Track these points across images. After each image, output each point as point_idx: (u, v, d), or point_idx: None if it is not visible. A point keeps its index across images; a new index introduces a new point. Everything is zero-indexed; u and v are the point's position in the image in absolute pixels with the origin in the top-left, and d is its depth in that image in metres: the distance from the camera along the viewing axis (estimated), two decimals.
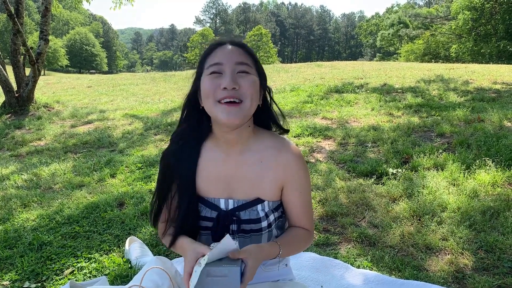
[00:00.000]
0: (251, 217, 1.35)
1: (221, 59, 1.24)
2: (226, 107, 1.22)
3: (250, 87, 1.24)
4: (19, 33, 7.78)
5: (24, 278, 2.27)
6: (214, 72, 1.24)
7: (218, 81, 1.23)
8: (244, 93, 1.23)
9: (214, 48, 1.28)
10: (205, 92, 1.25)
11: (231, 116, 1.22)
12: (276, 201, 1.40)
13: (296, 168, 1.37)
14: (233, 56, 1.25)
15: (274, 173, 1.36)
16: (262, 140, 1.39)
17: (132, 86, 12.59)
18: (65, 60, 55.72)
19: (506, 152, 3.88)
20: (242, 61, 1.25)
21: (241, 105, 1.23)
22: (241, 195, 1.37)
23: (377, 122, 5.60)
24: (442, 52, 37.69)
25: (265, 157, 1.37)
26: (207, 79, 1.25)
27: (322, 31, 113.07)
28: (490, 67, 12.27)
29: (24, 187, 3.90)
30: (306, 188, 1.41)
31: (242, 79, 1.23)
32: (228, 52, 1.26)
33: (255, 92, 1.26)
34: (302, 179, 1.39)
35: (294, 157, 1.38)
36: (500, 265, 2.29)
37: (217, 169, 1.38)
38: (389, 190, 3.33)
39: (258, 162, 1.36)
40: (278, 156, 1.37)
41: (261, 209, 1.36)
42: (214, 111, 1.25)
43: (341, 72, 12.03)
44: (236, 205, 1.36)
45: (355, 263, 2.37)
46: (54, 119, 7.44)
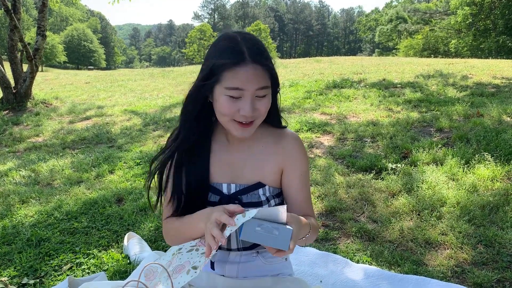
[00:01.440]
0: (252, 201, 1.36)
1: (242, 85, 1.19)
2: (240, 127, 1.26)
3: (264, 106, 1.26)
4: (16, 29, 7.74)
5: (22, 274, 2.26)
6: (233, 96, 1.21)
7: (237, 105, 1.22)
8: (260, 114, 1.27)
9: (235, 65, 1.18)
10: (222, 111, 1.24)
11: (245, 133, 1.28)
12: (276, 188, 1.42)
13: (295, 151, 1.42)
14: (254, 82, 1.20)
15: (275, 157, 1.40)
16: (264, 128, 1.42)
17: (130, 82, 12.56)
18: (63, 56, 55.50)
19: (505, 146, 3.87)
20: (262, 85, 1.22)
21: (254, 123, 1.28)
22: (243, 180, 1.39)
23: (376, 117, 5.59)
24: (441, 47, 37.66)
25: (266, 143, 1.42)
26: (225, 99, 1.22)
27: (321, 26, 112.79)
28: (490, 62, 12.26)
29: (22, 183, 3.89)
30: (307, 172, 1.45)
31: (260, 103, 1.24)
32: (250, 76, 1.19)
33: (268, 108, 1.29)
34: (301, 161, 1.43)
35: (294, 141, 1.43)
36: (499, 260, 2.28)
37: (221, 156, 1.41)
38: (388, 185, 3.33)
39: (260, 148, 1.41)
40: (279, 141, 1.42)
41: (262, 193, 1.38)
42: (227, 126, 1.29)
43: (340, 67, 12.01)
44: (238, 189, 1.38)
45: (355, 258, 2.37)
46: (52, 115, 7.41)
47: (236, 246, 1.42)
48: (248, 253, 1.45)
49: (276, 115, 1.44)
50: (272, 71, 1.26)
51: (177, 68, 17.36)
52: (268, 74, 1.24)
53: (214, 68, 1.21)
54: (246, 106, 1.21)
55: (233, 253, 1.44)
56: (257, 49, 1.22)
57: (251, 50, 1.20)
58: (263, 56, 1.23)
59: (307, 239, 1.30)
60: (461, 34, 32.65)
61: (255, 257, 1.46)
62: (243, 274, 1.44)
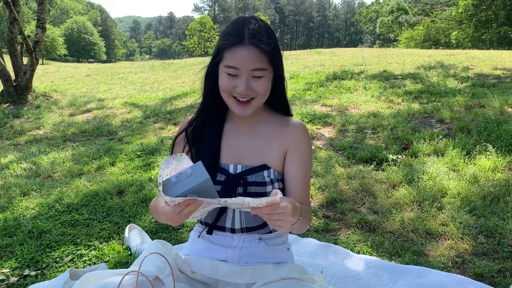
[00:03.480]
0: (257, 180, 1.41)
1: (238, 64, 1.29)
2: (239, 104, 1.35)
3: (262, 87, 1.33)
4: (15, 21, 7.71)
5: (24, 266, 2.27)
6: (230, 74, 1.31)
7: (234, 82, 1.31)
8: (256, 94, 1.34)
9: (234, 45, 1.29)
10: (222, 87, 1.35)
11: (243, 111, 1.36)
12: (281, 172, 1.46)
13: (300, 137, 1.47)
14: (249, 63, 1.28)
15: (280, 141, 1.46)
16: (272, 114, 1.51)
17: (130, 74, 12.53)
18: (63, 49, 55.39)
19: (506, 137, 3.86)
20: (257, 67, 1.29)
21: (252, 102, 1.35)
22: (249, 161, 1.45)
23: (377, 108, 5.57)
24: (442, 39, 37.44)
25: (273, 128, 1.48)
26: (224, 76, 1.33)
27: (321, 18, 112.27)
28: (491, 53, 12.20)
29: (23, 176, 3.90)
30: (308, 160, 1.47)
31: (256, 83, 1.32)
32: (246, 57, 1.28)
33: (267, 90, 1.36)
34: (305, 149, 1.47)
35: (300, 129, 1.49)
36: (500, 250, 2.29)
37: (231, 138, 1.48)
38: (389, 176, 3.32)
39: (267, 132, 1.47)
40: (285, 127, 1.48)
41: (267, 175, 1.42)
42: (228, 102, 1.38)
43: (341, 59, 11.95)
44: (243, 169, 1.43)
45: (355, 248, 2.37)
46: (53, 108, 7.41)
47: (239, 226, 1.43)
48: (251, 238, 1.46)
49: (282, 102, 1.50)
50: (271, 55, 1.32)
51: (178, 61, 17.30)
52: (266, 57, 1.31)
53: (219, 47, 1.34)
54: (241, 84, 1.30)
55: (236, 237, 1.46)
56: (258, 33, 1.30)
57: (251, 33, 1.30)
58: (263, 39, 1.30)
59: (298, 225, 1.28)
60: (462, 25, 32.45)
61: (258, 243, 1.47)
62: (245, 260, 1.45)
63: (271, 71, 1.35)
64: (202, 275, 1.44)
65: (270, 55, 1.32)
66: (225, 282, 1.43)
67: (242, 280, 1.42)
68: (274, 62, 1.35)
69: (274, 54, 1.34)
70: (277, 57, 1.37)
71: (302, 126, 1.50)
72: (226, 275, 1.42)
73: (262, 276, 1.41)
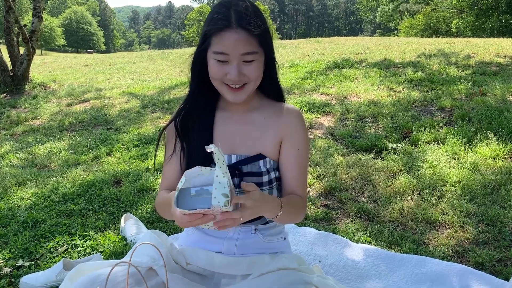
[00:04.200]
0: (252, 170, 1.36)
1: (227, 50, 1.22)
2: (231, 90, 1.29)
3: (254, 72, 1.27)
4: (11, 10, 7.61)
5: (17, 256, 2.24)
6: (219, 61, 1.25)
7: (224, 69, 1.25)
8: (248, 79, 1.28)
9: (221, 30, 1.22)
10: (212, 74, 1.29)
11: (236, 97, 1.30)
12: (276, 161, 1.42)
13: (296, 125, 1.42)
14: (238, 47, 1.22)
15: (275, 129, 1.41)
16: (265, 100, 1.46)
17: (129, 64, 12.43)
18: (62, 40, 55.10)
19: (508, 125, 3.81)
20: (247, 51, 1.23)
21: (244, 88, 1.29)
22: (244, 151, 1.40)
23: (377, 97, 5.51)
24: (442, 27, 37.16)
25: (268, 115, 1.42)
26: (213, 63, 1.26)
27: (321, 7, 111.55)
28: (492, 41, 12.09)
29: (19, 166, 3.86)
30: (304, 149, 1.43)
31: (247, 68, 1.26)
32: (234, 41, 1.21)
33: (259, 74, 1.30)
34: (301, 137, 1.42)
35: (295, 115, 1.43)
36: (501, 239, 2.25)
37: (223, 126, 1.42)
38: (389, 164, 3.28)
39: (261, 119, 1.42)
40: (280, 114, 1.42)
41: (262, 164, 1.38)
42: (220, 90, 1.32)
43: (341, 47, 11.85)
44: (238, 159, 1.38)
45: (354, 237, 2.34)
46: (50, 97, 7.34)
47: None
48: (247, 229, 1.42)
49: (274, 87, 1.45)
50: (261, 38, 1.25)
51: (176, 50, 17.18)
52: (256, 40, 1.24)
53: (206, 33, 1.27)
54: (232, 71, 1.24)
55: (231, 228, 1.40)
56: (245, 15, 1.22)
57: (239, 15, 1.22)
58: (251, 21, 1.22)
59: (281, 218, 1.26)
60: (463, 13, 32.19)
61: (254, 234, 1.43)
62: (241, 251, 1.42)
63: (262, 53, 1.29)
64: (197, 267, 1.40)
65: (260, 37, 1.25)
66: (220, 274, 1.40)
67: (238, 272, 1.38)
68: (265, 44, 1.28)
69: (264, 36, 1.27)
70: (268, 38, 1.29)
71: (298, 114, 1.44)
72: (221, 266, 1.39)
73: (259, 267, 1.37)
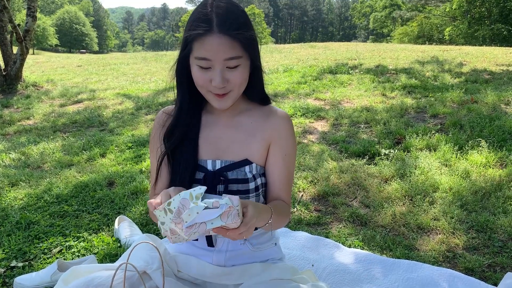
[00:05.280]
0: (238, 177, 1.32)
1: (209, 55, 1.17)
2: (216, 97, 1.25)
3: (239, 77, 1.22)
4: (5, 9, 7.58)
5: (11, 257, 2.23)
6: (202, 67, 1.20)
7: (208, 75, 1.21)
8: (233, 85, 1.23)
9: (202, 35, 1.17)
10: (197, 81, 1.25)
11: (222, 104, 1.26)
12: (263, 167, 1.40)
13: (283, 129, 1.38)
14: (221, 53, 1.16)
15: (262, 133, 1.37)
16: (252, 104, 1.41)
17: (122, 65, 12.41)
18: (54, 39, 54.75)
19: (499, 133, 3.87)
20: (231, 56, 1.18)
21: (230, 94, 1.25)
22: (229, 156, 1.36)
23: (370, 103, 5.57)
24: (435, 35, 37.54)
25: (255, 120, 1.39)
26: (196, 69, 1.22)
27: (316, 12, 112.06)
28: (484, 49, 12.23)
29: (12, 166, 3.84)
30: (292, 153, 1.40)
31: (231, 74, 1.21)
32: (217, 46, 1.16)
33: (244, 79, 1.25)
34: (288, 141, 1.39)
35: (283, 118, 1.39)
36: (490, 245, 2.29)
37: (209, 131, 1.38)
38: (381, 170, 3.32)
39: (248, 124, 1.38)
40: (268, 117, 1.39)
41: (248, 170, 1.34)
42: (206, 96, 1.28)
43: (335, 53, 11.93)
44: (223, 165, 1.34)
45: (346, 242, 2.36)
46: (43, 98, 7.31)
47: None
48: (236, 241, 1.40)
49: (259, 91, 1.39)
50: (245, 42, 1.19)
51: (170, 52, 17.18)
52: (239, 44, 1.18)
53: (187, 38, 1.21)
54: (216, 77, 1.19)
55: (219, 240, 1.39)
56: (227, 18, 1.17)
57: (220, 19, 1.17)
58: (234, 25, 1.17)
59: (270, 224, 1.24)
60: (456, 21, 32.53)
61: (243, 245, 1.41)
62: (231, 262, 1.40)
63: (247, 58, 1.23)
64: (188, 275, 1.40)
65: (244, 40, 1.19)
66: (212, 283, 1.40)
67: (230, 281, 1.38)
68: (249, 47, 1.22)
69: (248, 39, 1.20)
70: (252, 41, 1.23)
71: (286, 118, 1.40)
72: (213, 276, 1.38)
73: (250, 275, 1.37)
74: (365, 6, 79.78)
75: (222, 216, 1.00)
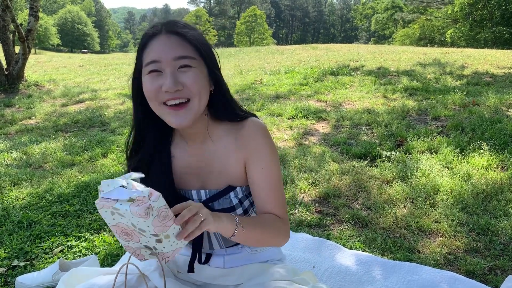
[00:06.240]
0: (224, 206, 1.27)
1: (158, 56, 1.10)
2: (172, 111, 1.13)
3: (195, 83, 1.11)
4: (8, 9, 7.60)
5: (12, 256, 2.24)
6: (152, 71, 1.11)
7: (158, 81, 1.10)
8: (190, 91, 1.12)
9: (148, 40, 1.13)
10: (147, 94, 1.14)
11: (180, 119, 1.13)
12: (247, 185, 1.31)
13: (256, 141, 1.25)
14: (170, 51, 1.10)
15: (237, 154, 1.26)
16: (221, 125, 1.29)
17: (124, 66, 12.43)
18: (56, 39, 54.79)
19: (500, 136, 3.87)
20: (181, 54, 1.10)
21: (188, 105, 1.13)
22: (212, 185, 1.29)
23: (372, 105, 5.57)
24: (437, 37, 37.54)
25: (227, 142, 1.27)
26: (147, 78, 1.12)
27: (317, 14, 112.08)
28: (485, 52, 12.23)
29: (13, 166, 3.85)
30: (271, 163, 1.26)
31: (184, 76, 1.11)
32: (164, 46, 1.10)
33: (202, 86, 1.14)
34: (263, 152, 1.26)
35: (254, 131, 1.26)
36: (491, 248, 2.29)
37: (184, 162, 1.30)
38: (383, 172, 3.32)
39: (220, 149, 1.27)
40: (238, 135, 1.26)
41: (234, 196, 1.28)
42: (161, 114, 1.16)
43: (336, 54, 11.94)
44: (208, 195, 1.28)
45: (348, 244, 2.37)
46: (45, 97, 7.32)
47: (219, 247, 1.38)
48: (234, 246, 1.40)
49: (230, 108, 1.27)
50: (197, 44, 1.13)
51: None
52: (189, 44, 1.12)
53: (137, 53, 1.17)
54: (167, 80, 1.09)
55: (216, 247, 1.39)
56: (174, 23, 1.15)
57: (168, 24, 1.14)
58: (181, 27, 1.14)
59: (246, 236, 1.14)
60: (457, 24, 32.54)
61: (241, 249, 1.41)
62: (230, 265, 1.40)
63: (202, 64, 1.15)
64: (188, 276, 1.40)
65: (194, 40, 1.13)
66: (212, 285, 1.40)
67: (230, 282, 1.38)
68: (203, 52, 1.14)
69: (202, 44, 1.15)
70: (207, 48, 1.17)
71: (258, 128, 1.26)
72: (212, 278, 1.38)
73: (250, 276, 1.37)
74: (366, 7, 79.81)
75: (133, 202, 0.93)
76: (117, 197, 0.94)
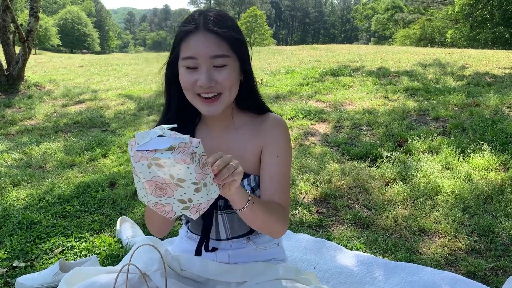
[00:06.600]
0: None
1: (195, 53, 1.16)
2: (205, 102, 1.21)
3: (227, 80, 1.19)
4: (8, 10, 7.59)
5: (13, 257, 2.23)
6: (189, 67, 1.18)
7: (194, 76, 1.18)
8: (222, 87, 1.20)
9: (188, 34, 1.18)
10: (183, 84, 1.22)
11: (211, 109, 1.22)
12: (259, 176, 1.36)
13: (275, 132, 1.34)
14: (207, 50, 1.16)
15: (254, 141, 1.34)
16: (245, 115, 1.37)
17: (124, 66, 12.44)
18: (56, 40, 54.80)
19: (501, 136, 3.87)
20: (217, 53, 1.16)
21: (220, 98, 1.21)
22: None
23: (372, 105, 5.56)
24: (437, 38, 37.53)
25: (248, 129, 1.35)
26: (183, 71, 1.20)
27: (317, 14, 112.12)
28: (486, 52, 12.23)
29: (14, 166, 3.84)
30: (286, 153, 1.34)
31: (218, 73, 1.18)
32: (202, 44, 1.16)
33: (233, 82, 1.22)
34: (281, 143, 1.33)
35: (276, 124, 1.35)
36: (492, 248, 2.29)
37: (207, 144, 1.33)
38: (383, 173, 3.31)
39: (241, 135, 1.35)
40: (260, 125, 1.35)
41: (247, 183, 1.33)
42: (194, 103, 1.24)
43: (337, 55, 11.94)
44: None
45: (348, 245, 2.36)
46: (45, 98, 7.32)
47: (225, 237, 1.39)
48: (239, 240, 1.42)
49: (254, 100, 1.36)
50: (232, 42, 1.19)
51: None
52: (226, 43, 1.18)
53: (174, 42, 1.23)
54: (202, 76, 1.16)
55: (223, 241, 1.42)
56: (214, 18, 1.19)
57: (206, 19, 1.18)
58: (220, 24, 1.18)
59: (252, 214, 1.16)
60: (458, 24, 32.54)
61: (246, 244, 1.43)
62: (235, 260, 1.42)
63: (235, 60, 1.21)
64: (191, 273, 1.40)
65: (231, 40, 1.19)
66: (215, 281, 1.40)
67: (232, 279, 1.38)
68: (237, 49, 1.21)
69: (236, 40, 1.20)
70: (240, 43, 1.22)
71: (278, 121, 1.36)
72: (216, 274, 1.39)
73: (254, 274, 1.37)
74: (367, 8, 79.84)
75: (173, 150, 0.90)
76: (155, 147, 0.91)
